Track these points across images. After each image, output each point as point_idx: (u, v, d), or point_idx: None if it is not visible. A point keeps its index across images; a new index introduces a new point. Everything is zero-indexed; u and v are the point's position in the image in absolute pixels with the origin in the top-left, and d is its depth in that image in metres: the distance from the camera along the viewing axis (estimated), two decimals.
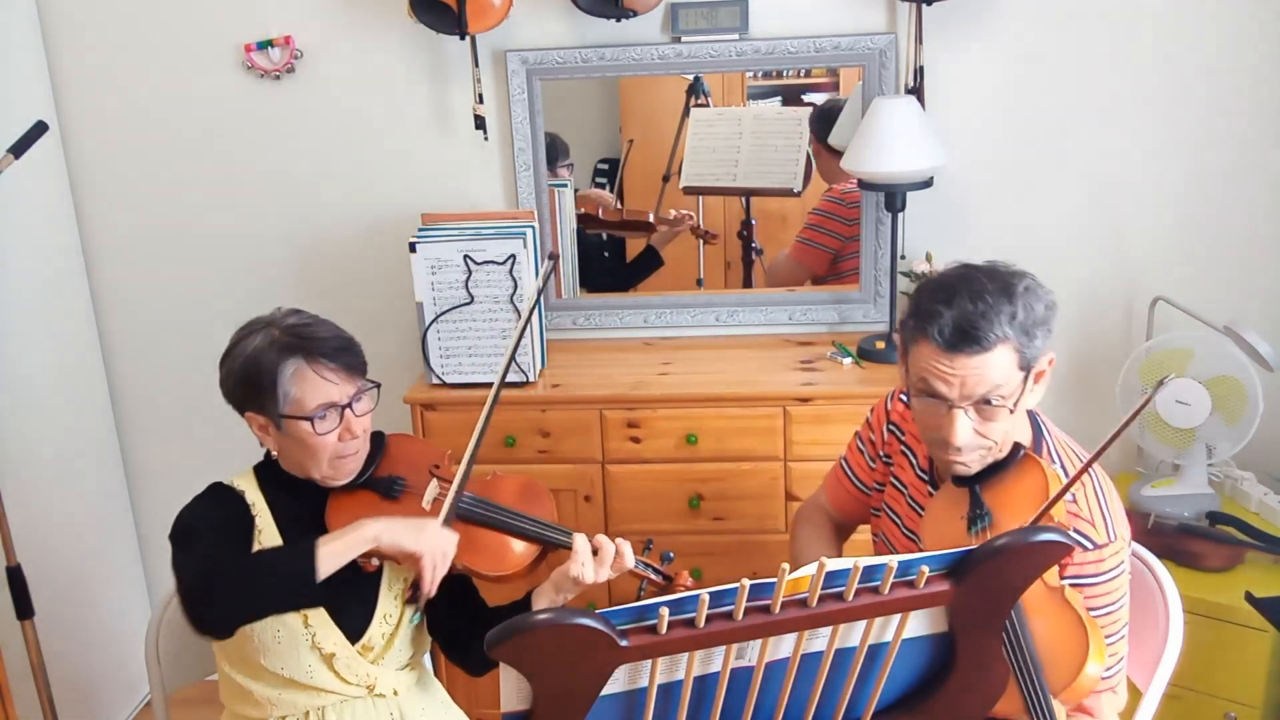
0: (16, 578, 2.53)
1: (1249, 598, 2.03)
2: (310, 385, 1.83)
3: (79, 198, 3.08)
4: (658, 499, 2.69)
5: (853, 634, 1.40)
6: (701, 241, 3.02)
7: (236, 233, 3.07)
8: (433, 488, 1.96)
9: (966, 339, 1.68)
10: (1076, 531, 1.74)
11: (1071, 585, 1.71)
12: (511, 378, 2.71)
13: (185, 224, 3.08)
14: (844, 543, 2.21)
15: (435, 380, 2.72)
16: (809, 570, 1.33)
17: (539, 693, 1.33)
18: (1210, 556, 2.49)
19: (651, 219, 3.00)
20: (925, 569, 1.36)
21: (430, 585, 1.80)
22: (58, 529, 2.96)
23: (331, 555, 1.72)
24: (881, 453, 2.06)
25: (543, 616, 1.28)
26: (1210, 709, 2.46)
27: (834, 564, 1.32)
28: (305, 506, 1.92)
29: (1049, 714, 1.61)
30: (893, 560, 1.34)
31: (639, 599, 1.96)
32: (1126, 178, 2.81)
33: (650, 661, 1.34)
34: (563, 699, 1.34)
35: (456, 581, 1.97)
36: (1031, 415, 1.87)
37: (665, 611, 1.29)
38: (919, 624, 1.43)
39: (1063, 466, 1.83)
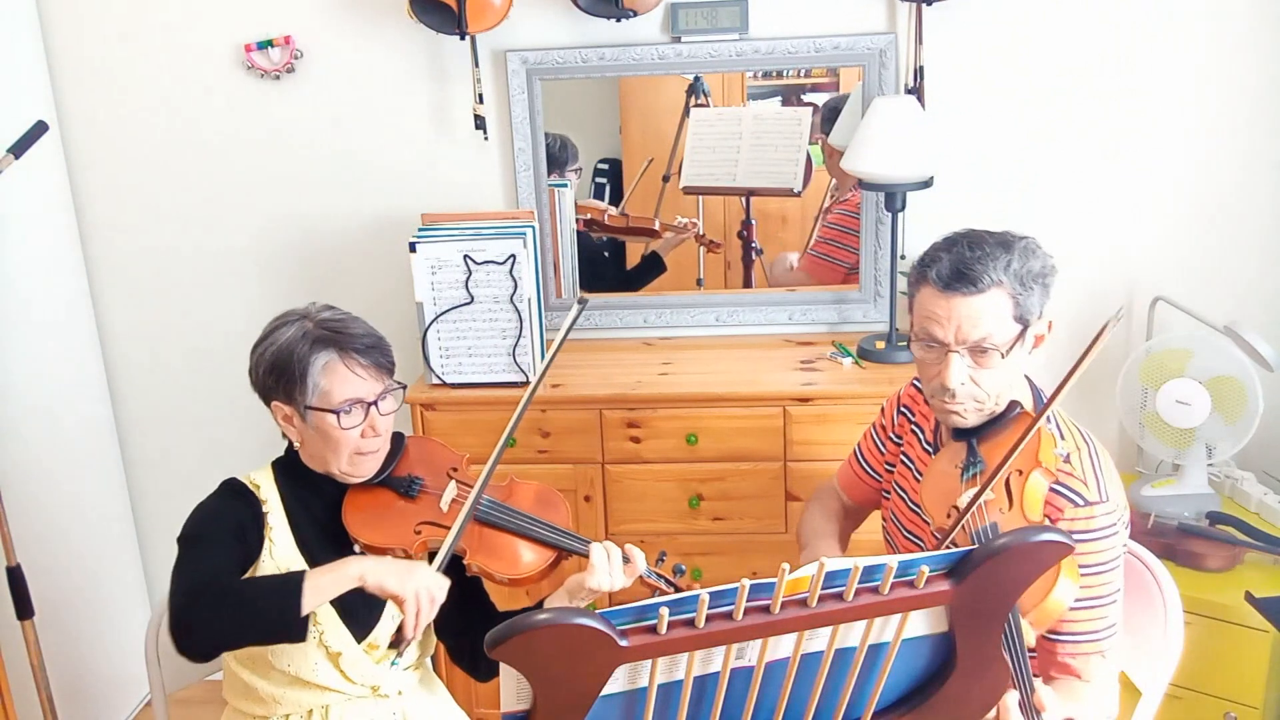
0: (16, 578, 2.53)
1: (1249, 598, 2.03)
2: (340, 379, 1.84)
3: (79, 198, 3.08)
4: (658, 499, 2.69)
5: (852, 634, 1.40)
6: (707, 249, 3.01)
7: (236, 232, 3.07)
8: (451, 489, 1.97)
9: (961, 279, 1.76)
10: (1067, 488, 1.78)
11: None
12: (512, 378, 2.71)
13: (185, 224, 3.08)
14: (853, 529, 2.23)
15: (435, 380, 2.73)
16: (809, 570, 1.33)
17: (539, 693, 1.33)
18: (1210, 556, 2.49)
19: (657, 225, 3.00)
20: (925, 569, 1.36)
21: (414, 631, 1.76)
22: (58, 529, 2.96)
23: (316, 592, 1.70)
24: (892, 434, 2.11)
25: (543, 616, 1.28)
26: (1210, 709, 2.46)
27: (834, 564, 1.32)
28: (322, 501, 1.93)
29: (1019, 636, 1.64)
30: (893, 560, 1.34)
31: None
32: (1126, 178, 2.81)
33: (650, 661, 1.34)
34: (563, 699, 1.34)
35: (467, 585, 1.97)
36: (1034, 386, 1.93)
37: (665, 611, 1.29)
38: (919, 624, 1.42)
39: (1057, 427, 1.86)
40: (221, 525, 1.87)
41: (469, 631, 2.02)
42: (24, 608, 2.55)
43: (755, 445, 2.64)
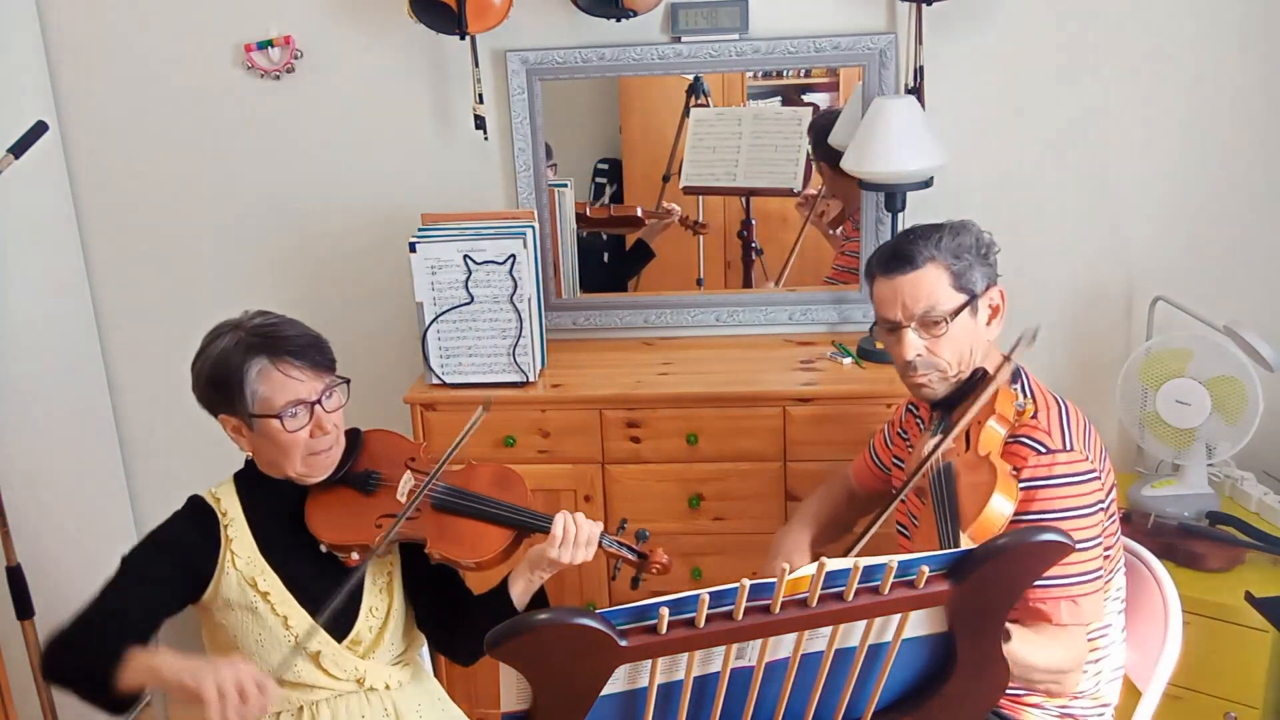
0: (16, 578, 2.53)
1: (1249, 598, 2.03)
2: (277, 383, 1.85)
3: (79, 198, 3.08)
4: (658, 499, 2.69)
5: (852, 634, 1.40)
6: (693, 232, 3.02)
7: (236, 232, 3.07)
8: (407, 479, 1.99)
9: (897, 258, 1.95)
10: (1031, 439, 1.87)
11: (1024, 487, 1.82)
12: (512, 378, 2.71)
13: (185, 224, 3.08)
14: (858, 518, 2.30)
15: (435, 380, 2.72)
16: (809, 570, 1.33)
17: (539, 693, 1.33)
18: (1210, 556, 2.49)
19: (639, 213, 3.01)
20: (925, 569, 1.37)
21: None
22: (58, 529, 2.96)
23: (134, 672, 1.73)
24: (900, 429, 2.20)
25: (543, 616, 1.28)
26: (1210, 709, 2.46)
27: (834, 564, 1.32)
28: (284, 506, 1.94)
29: (956, 545, 1.75)
30: (893, 560, 1.34)
31: (612, 578, 2.00)
32: (1126, 177, 2.81)
33: (650, 661, 1.34)
34: (563, 699, 1.34)
35: (439, 572, 1.99)
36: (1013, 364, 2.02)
37: (665, 611, 1.29)
38: (919, 624, 1.43)
39: (1026, 389, 1.95)
40: (165, 558, 1.90)
41: (445, 616, 2.03)
42: (24, 608, 2.55)
43: (755, 445, 2.64)
